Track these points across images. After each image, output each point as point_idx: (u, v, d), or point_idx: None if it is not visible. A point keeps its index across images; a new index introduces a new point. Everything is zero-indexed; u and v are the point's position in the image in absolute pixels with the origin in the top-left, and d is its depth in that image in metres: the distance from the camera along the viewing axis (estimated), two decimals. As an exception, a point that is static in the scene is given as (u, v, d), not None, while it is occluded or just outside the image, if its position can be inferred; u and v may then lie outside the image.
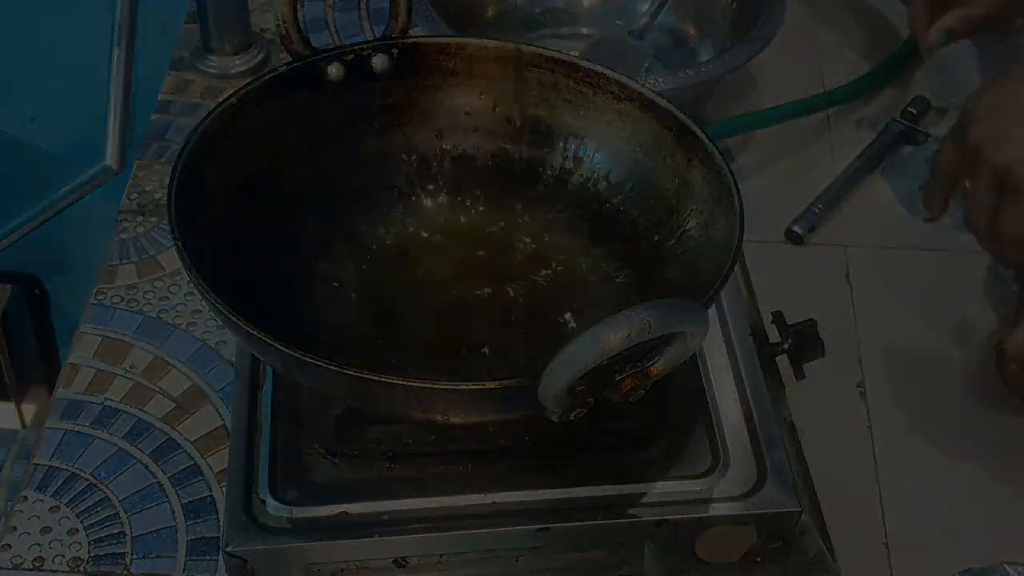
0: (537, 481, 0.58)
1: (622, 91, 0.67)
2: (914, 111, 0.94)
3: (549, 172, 0.71)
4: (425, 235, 0.70)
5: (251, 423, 0.61)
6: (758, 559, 0.61)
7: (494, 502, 0.58)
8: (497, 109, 0.71)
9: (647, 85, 0.67)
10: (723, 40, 0.93)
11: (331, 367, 0.51)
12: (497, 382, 0.51)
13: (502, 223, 0.70)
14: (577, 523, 0.58)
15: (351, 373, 0.51)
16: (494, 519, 0.58)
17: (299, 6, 0.68)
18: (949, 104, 0.94)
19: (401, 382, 0.51)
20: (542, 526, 0.57)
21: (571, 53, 0.70)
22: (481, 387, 0.51)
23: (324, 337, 0.63)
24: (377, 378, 0.51)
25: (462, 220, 0.71)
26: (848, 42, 1.04)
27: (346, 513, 0.57)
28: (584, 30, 0.98)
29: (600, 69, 0.68)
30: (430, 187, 0.71)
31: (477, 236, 0.70)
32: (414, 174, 0.71)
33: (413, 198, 0.71)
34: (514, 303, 0.67)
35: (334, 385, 0.54)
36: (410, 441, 0.60)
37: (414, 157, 0.71)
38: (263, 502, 0.58)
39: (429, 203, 0.71)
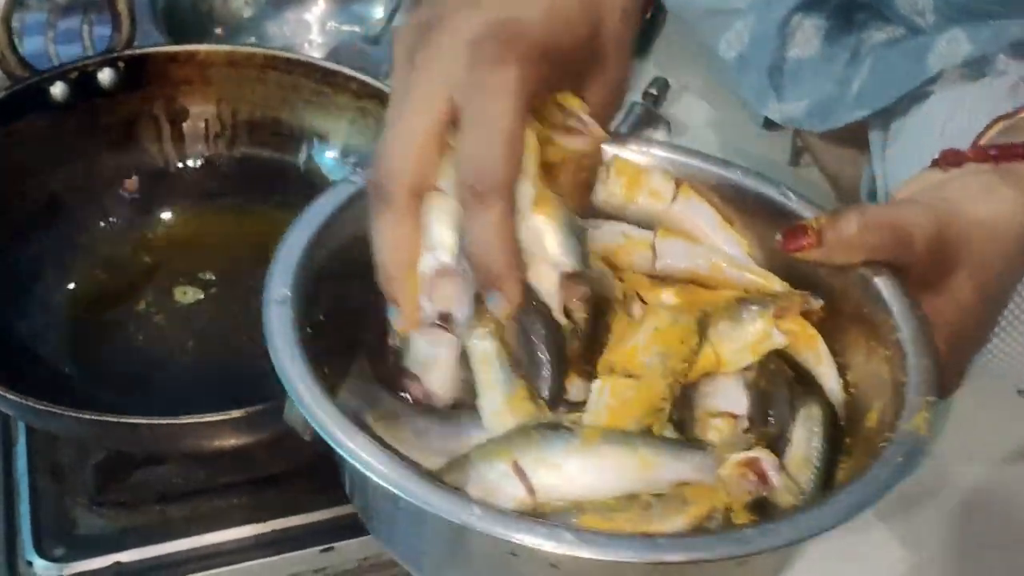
0: (316, 502, 0.57)
1: (362, 88, 0.67)
2: (655, 92, 0.95)
3: (295, 173, 0.70)
4: (173, 250, 0.68)
5: (7, 482, 0.58)
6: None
7: (274, 529, 0.56)
8: (236, 114, 0.69)
9: (387, 82, 0.66)
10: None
11: (68, 414, 0.49)
12: (242, 410, 0.49)
13: (253, 228, 0.69)
14: (366, 537, 0.57)
15: (88, 418, 0.49)
16: (276, 546, 0.56)
17: (10, 25, 0.64)
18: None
19: (143, 422, 0.49)
20: (326, 546, 0.56)
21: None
22: (226, 417, 0.49)
23: (69, 376, 0.61)
24: (115, 420, 0.49)
25: (211, 229, 0.69)
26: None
27: (119, 563, 0.55)
28: (319, 40, 0.96)
29: (338, 68, 0.67)
30: (173, 199, 0.69)
31: (228, 243, 0.68)
32: (155, 187, 0.69)
33: (156, 212, 0.69)
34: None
35: (77, 431, 0.52)
36: (179, 480, 0.58)
37: (154, 170, 0.69)
38: (29, 563, 0.55)
39: (174, 216, 0.69)
